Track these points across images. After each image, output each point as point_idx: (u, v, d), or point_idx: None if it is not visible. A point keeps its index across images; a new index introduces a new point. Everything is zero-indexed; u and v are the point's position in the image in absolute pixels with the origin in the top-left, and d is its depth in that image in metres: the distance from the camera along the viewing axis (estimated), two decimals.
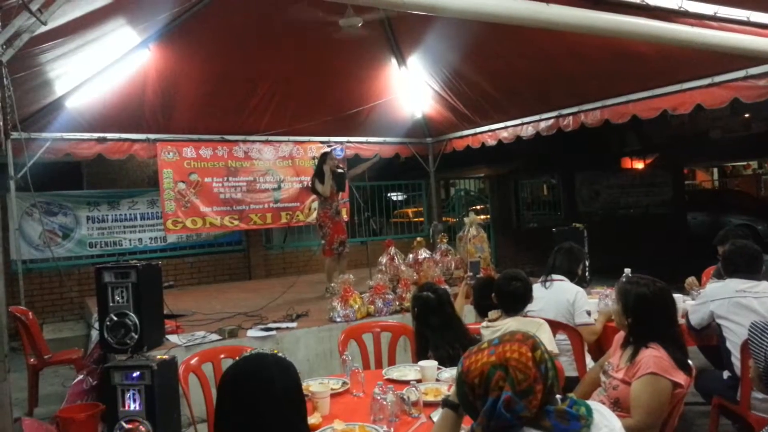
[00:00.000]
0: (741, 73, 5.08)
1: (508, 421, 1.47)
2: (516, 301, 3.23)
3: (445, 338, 3.01)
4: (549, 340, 3.06)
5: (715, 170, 21.55)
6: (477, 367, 1.54)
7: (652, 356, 2.32)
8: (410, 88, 7.98)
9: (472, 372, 1.55)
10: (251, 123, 7.85)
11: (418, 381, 2.71)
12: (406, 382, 2.61)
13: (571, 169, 13.18)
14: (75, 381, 4.50)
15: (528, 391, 1.47)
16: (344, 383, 2.82)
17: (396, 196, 12.91)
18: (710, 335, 3.42)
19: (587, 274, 6.49)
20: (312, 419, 2.36)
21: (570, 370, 3.45)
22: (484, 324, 3.37)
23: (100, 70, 6.08)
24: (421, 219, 11.47)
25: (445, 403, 1.78)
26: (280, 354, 1.55)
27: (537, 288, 3.83)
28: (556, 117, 7.11)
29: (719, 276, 4.29)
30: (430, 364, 2.82)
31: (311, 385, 2.73)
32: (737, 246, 3.47)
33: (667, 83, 5.71)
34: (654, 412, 2.28)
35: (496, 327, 3.19)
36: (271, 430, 1.42)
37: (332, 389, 2.71)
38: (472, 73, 7.05)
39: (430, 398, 2.49)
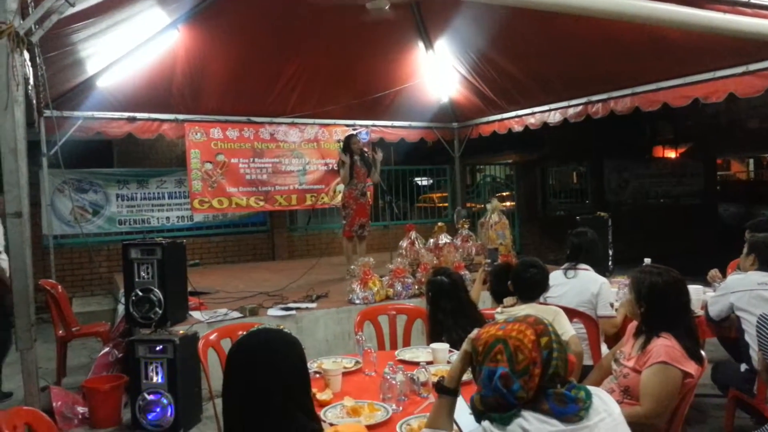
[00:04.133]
0: None
1: (505, 398, 1.49)
2: (532, 288, 3.21)
3: (458, 322, 3.03)
4: (567, 326, 3.05)
5: (751, 161, 20.96)
6: (485, 337, 1.61)
7: (663, 345, 2.31)
8: (437, 72, 7.94)
9: (480, 339, 1.62)
10: (277, 105, 7.91)
11: (429, 363, 2.75)
12: (417, 364, 2.65)
13: (600, 157, 12.98)
14: (101, 353, 4.65)
15: (524, 371, 1.50)
16: (357, 362, 2.87)
17: (421, 181, 12.89)
18: (729, 327, 3.37)
19: (610, 263, 6.45)
20: (323, 395, 2.42)
21: (585, 358, 3.45)
22: (499, 310, 3.38)
23: (130, 50, 6.18)
24: (446, 204, 11.45)
25: (438, 387, 1.82)
26: (285, 330, 1.59)
27: (558, 276, 3.81)
28: (585, 103, 7.01)
29: None
30: (442, 346, 2.86)
31: (324, 363, 2.79)
32: (760, 239, 3.41)
33: (700, 71, 5.59)
34: (663, 401, 2.28)
35: (511, 313, 3.19)
36: (275, 403, 1.46)
37: (345, 368, 2.76)
38: (500, 58, 6.99)
39: None
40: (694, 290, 3.72)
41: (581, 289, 3.70)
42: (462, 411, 1.85)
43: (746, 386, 3.16)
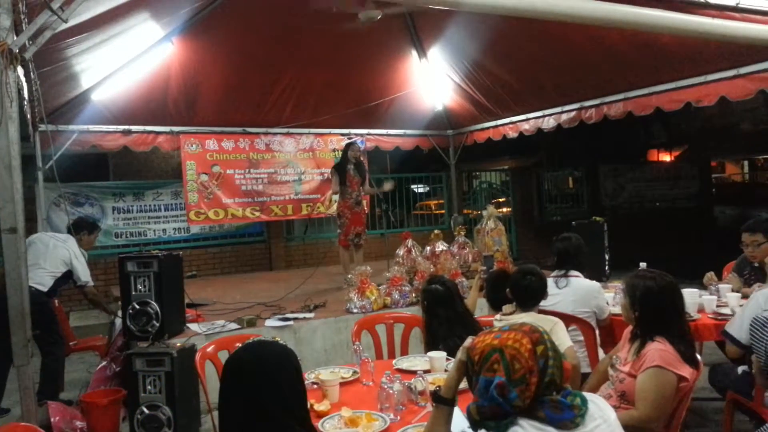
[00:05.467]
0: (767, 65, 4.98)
1: (502, 406, 1.50)
2: (531, 296, 3.20)
3: (454, 330, 3.03)
4: (565, 337, 3.05)
5: (746, 163, 21.06)
6: (480, 346, 1.60)
7: (658, 350, 2.33)
8: (431, 81, 7.98)
9: (476, 349, 1.62)
10: (272, 115, 7.93)
11: (427, 371, 2.75)
12: (415, 372, 2.65)
13: (595, 162, 13.03)
14: (99, 367, 4.63)
15: (521, 380, 1.50)
16: (354, 372, 2.87)
17: (418, 188, 12.92)
18: None
19: (606, 268, 6.46)
20: (321, 406, 2.41)
21: (583, 366, 3.45)
22: (498, 317, 3.38)
23: (124, 63, 6.19)
24: (443, 211, 11.46)
25: (435, 397, 1.82)
26: (280, 341, 1.60)
27: (549, 285, 3.81)
28: (578, 109, 7.04)
29: (739, 270, 4.25)
30: (439, 355, 2.86)
31: (322, 374, 2.79)
32: None
33: (692, 75, 5.61)
34: (658, 405, 2.29)
35: (509, 321, 3.19)
36: (271, 415, 1.47)
37: (342, 378, 2.76)
38: (493, 65, 7.02)
39: None
40: (691, 294, 3.74)
41: (576, 297, 3.71)
42: (457, 424, 1.85)
43: (745, 389, 3.16)
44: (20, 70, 3.29)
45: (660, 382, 2.29)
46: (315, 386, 2.64)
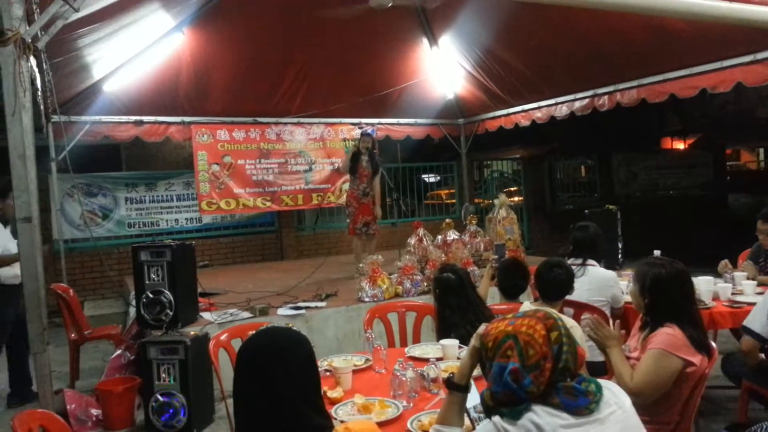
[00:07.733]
0: None
1: (516, 393, 1.49)
2: (556, 289, 3.14)
3: (466, 318, 3.02)
4: (580, 337, 3.03)
5: (761, 150, 20.78)
6: (494, 332, 1.59)
7: (665, 334, 2.32)
8: (442, 69, 7.93)
9: (489, 336, 1.60)
10: (283, 105, 7.94)
11: (439, 359, 2.75)
12: (427, 360, 2.65)
13: (608, 150, 12.91)
14: (114, 356, 4.67)
15: (535, 366, 1.49)
16: (367, 360, 2.88)
17: (429, 178, 12.87)
18: None
19: (620, 256, 6.42)
20: (334, 393, 2.42)
21: (597, 354, 3.43)
22: (527, 304, 3.36)
23: (135, 54, 6.22)
24: (454, 200, 11.42)
25: (448, 384, 1.82)
26: (294, 328, 1.60)
27: None
28: (591, 96, 6.96)
29: (754, 258, 4.21)
30: (451, 342, 2.85)
31: (334, 361, 2.80)
32: None
33: (707, 61, 5.53)
34: (650, 385, 2.28)
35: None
36: (285, 401, 1.47)
37: (355, 365, 2.76)
38: (505, 53, 6.96)
39: None
40: (705, 281, 3.71)
41: (592, 286, 3.70)
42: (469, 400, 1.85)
43: (760, 377, 3.14)
44: (33, 60, 3.31)
45: (660, 365, 2.28)
46: (328, 373, 2.65)
